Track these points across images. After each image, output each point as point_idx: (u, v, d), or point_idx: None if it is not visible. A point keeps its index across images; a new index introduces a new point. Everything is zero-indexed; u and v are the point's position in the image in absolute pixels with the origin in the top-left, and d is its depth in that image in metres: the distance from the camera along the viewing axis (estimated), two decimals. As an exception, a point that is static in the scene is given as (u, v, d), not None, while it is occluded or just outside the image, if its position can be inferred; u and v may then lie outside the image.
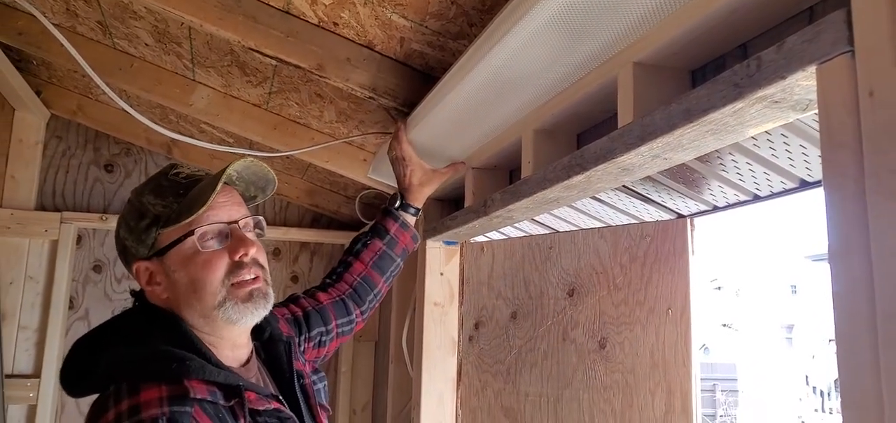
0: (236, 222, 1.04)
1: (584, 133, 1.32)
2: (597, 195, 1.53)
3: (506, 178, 1.65)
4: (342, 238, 2.90)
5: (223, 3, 1.41)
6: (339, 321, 1.42)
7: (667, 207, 1.50)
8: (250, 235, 1.06)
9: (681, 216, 1.51)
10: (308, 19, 1.44)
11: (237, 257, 1.01)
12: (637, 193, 1.45)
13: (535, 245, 1.77)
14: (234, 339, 1.06)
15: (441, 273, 1.94)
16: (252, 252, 1.03)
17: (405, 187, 1.56)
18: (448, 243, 1.94)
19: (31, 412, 2.47)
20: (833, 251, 0.63)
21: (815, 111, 0.75)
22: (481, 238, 1.91)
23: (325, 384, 1.25)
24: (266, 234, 1.12)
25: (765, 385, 19.74)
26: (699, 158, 1.09)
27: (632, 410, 1.47)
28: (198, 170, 1.09)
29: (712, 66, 0.95)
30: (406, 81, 1.51)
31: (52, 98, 2.58)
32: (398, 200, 1.56)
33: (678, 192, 1.39)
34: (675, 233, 1.46)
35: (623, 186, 1.40)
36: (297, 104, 1.96)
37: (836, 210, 0.63)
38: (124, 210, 1.07)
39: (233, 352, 1.06)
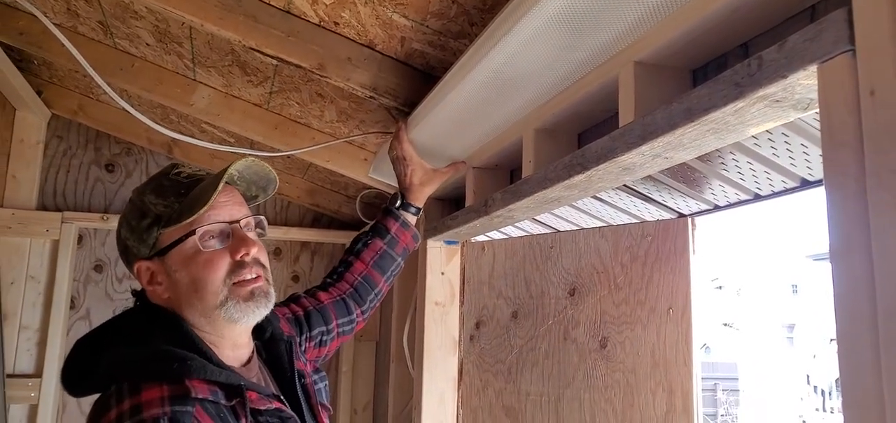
0: (238, 222, 1.04)
1: (585, 132, 1.32)
2: (598, 195, 1.53)
3: (507, 177, 1.65)
4: (343, 238, 2.90)
5: (224, 2, 1.41)
6: (340, 321, 1.42)
7: (668, 206, 1.50)
8: (251, 234, 1.06)
9: (682, 216, 1.51)
10: (309, 19, 1.44)
11: (238, 257, 1.01)
12: (638, 192, 1.45)
13: (536, 245, 1.77)
14: (236, 338, 1.06)
15: (442, 273, 1.94)
16: (253, 252, 1.03)
17: (406, 187, 1.56)
18: (449, 243, 1.94)
19: (32, 411, 2.47)
20: (834, 251, 0.63)
21: (816, 110, 0.75)
22: (482, 238, 1.91)
23: (326, 384, 1.25)
24: (267, 233, 1.12)
25: (766, 385, 19.73)
26: (700, 157, 1.09)
27: (633, 409, 1.47)
28: (199, 170, 1.09)
29: (713, 65, 0.95)
30: (407, 80, 1.51)
31: (53, 98, 2.58)
32: (399, 199, 1.56)
33: (679, 191, 1.39)
34: (676, 232, 1.46)
35: (624, 185, 1.40)
36: (297, 104, 1.96)
37: (838, 209, 0.63)
38: (126, 210, 1.07)
39: (234, 352, 1.06)
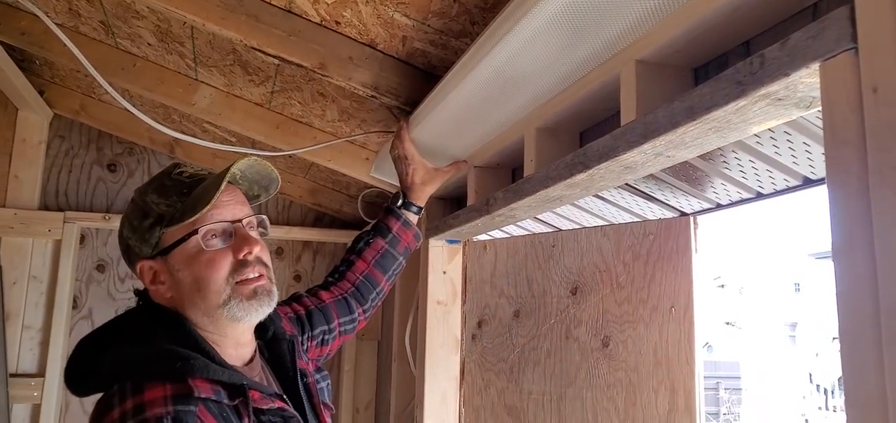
0: (240, 221, 1.04)
1: (587, 131, 1.32)
2: (600, 193, 1.52)
3: (508, 176, 1.65)
4: (345, 237, 2.90)
5: (225, 2, 1.41)
6: (342, 320, 1.42)
7: (670, 205, 1.50)
8: (254, 233, 1.07)
9: (684, 214, 1.51)
10: (310, 18, 1.44)
11: (241, 256, 1.01)
12: (640, 191, 1.45)
13: (538, 243, 1.77)
14: (238, 338, 1.06)
15: (444, 272, 1.94)
16: (256, 251, 1.03)
17: (407, 186, 1.56)
18: (451, 242, 1.94)
19: (35, 411, 2.48)
20: (836, 249, 0.63)
21: (818, 108, 0.75)
22: (484, 237, 1.91)
23: (328, 383, 1.25)
24: (269, 233, 1.12)
25: (768, 383, 19.71)
26: (702, 155, 1.09)
27: (635, 408, 1.47)
28: (201, 169, 1.09)
29: (715, 63, 0.95)
30: (408, 79, 1.51)
31: (55, 98, 2.58)
32: (400, 198, 1.56)
33: (681, 190, 1.39)
34: (679, 231, 1.46)
35: (626, 184, 1.40)
36: (299, 103, 1.96)
37: (840, 207, 0.63)
38: (128, 210, 1.07)
39: (236, 351, 1.06)
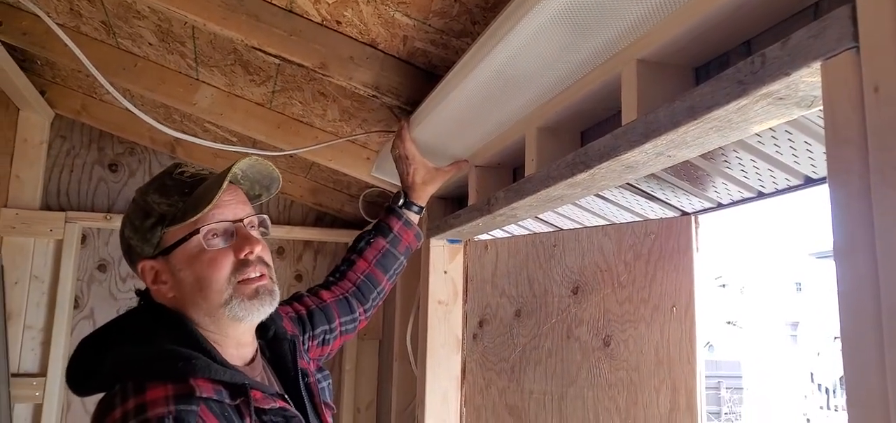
0: (241, 221, 1.04)
1: (588, 131, 1.32)
2: (601, 193, 1.52)
3: (509, 176, 1.65)
4: (346, 237, 2.90)
5: (226, 2, 1.41)
6: (343, 319, 1.42)
7: (671, 204, 1.49)
8: (255, 233, 1.07)
9: (685, 214, 1.51)
10: (311, 18, 1.44)
11: (242, 255, 1.02)
12: (641, 190, 1.45)
13: (539, 243, 1.77)
14: (239, 337, 1.06)
15: (445, 271, 1.94)
16: (257, 250, 1.03)
17: (408, 186, 1.56)
18: (452, 241, 1.94)
19: (36, 410, 2.48)
20: (838, 248, 0.63)
21: (819, 108, 0.75)
22: (485, 236, 1.91)
23: (329, 383, 1.25)
24: (270, 232, 1.12)
25: (769, 383, 19.71)
26: (703, 155, 1.09)
27: (636, 407, 1.47)
28: (202, 169, 1.09)
29: (716, 63, 0.95)
30: (409, 79, 1.51)
31: (56, 98, 2.58)
32: (402, 198, 1.56)
33: (682, 189, 1.39)
34: (680, 230, 1.46)
35: (627, 183, 1.39)
36: (300, 103, 1.96)
37: (841, 207, 0.63)
38: (129, 209, 1.07)
39: (238, 350, 1.06)
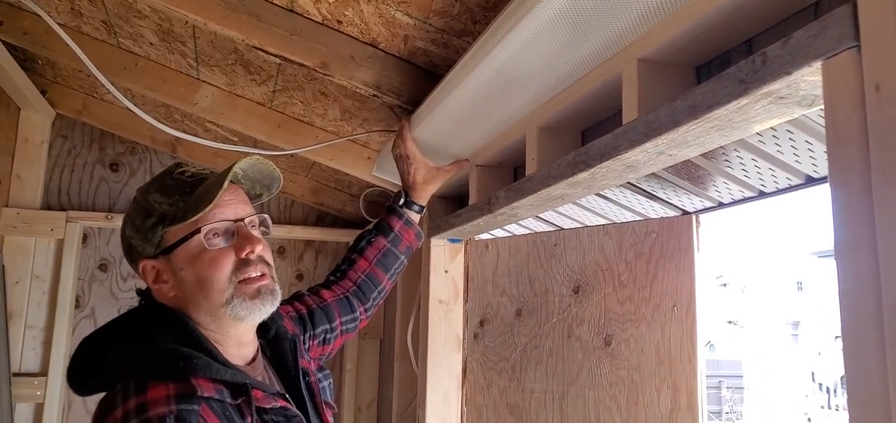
0: (242, 220, 1.04)
1: (589, 130, 1.32)
2: (601, 192, 1.52)
3: (510, 175, 1.65)
4: (347, 236, 2.90)
5: (227, 1, 1.41)
6: (344, 319, 1.42)
7: (672, 203, 1.49)
8: (256, 232, 1.07)
9: (686, 213, 1.50)
10: (312, 17, 1.44)
11: (243, 255, 1.02)
12: (642, 189, 1.45)
13: (540, 242, 1.77)
14: (241, 337, 1.06)
15: (446, 271, 1.94)
16: (258, 249, 1.03)
17: (409, 185, 1.56)
18: (452, 241, 1.94)
19: (38, 410, 2.48)
20: (839, 248, 0.63)
21: (820, 107, 0.75)
22: (486, 236, 1.91)
23: (330, 382, 1.25)
24: (271, 232, 1.12)
25: (770, 382, 19.70)
26: (704, 154, 1.09)
27: (637, 407, 1.47)
28: (203, 168, 1.09)
29: (717, 62, 0.95)
30: (410, 78, 1.51)
31: (57, 97, 2.59)
32: (402, 197, 1.56)
33: (683, 188, 1.39)
34: (681, 230, 1.46)
35: (628, 182, 1.39)
36: (301, 102, 1.96)
37: (842, 206, 0.63)
38: (130, 209, 1.07)
39: (239, 350, 1.06)
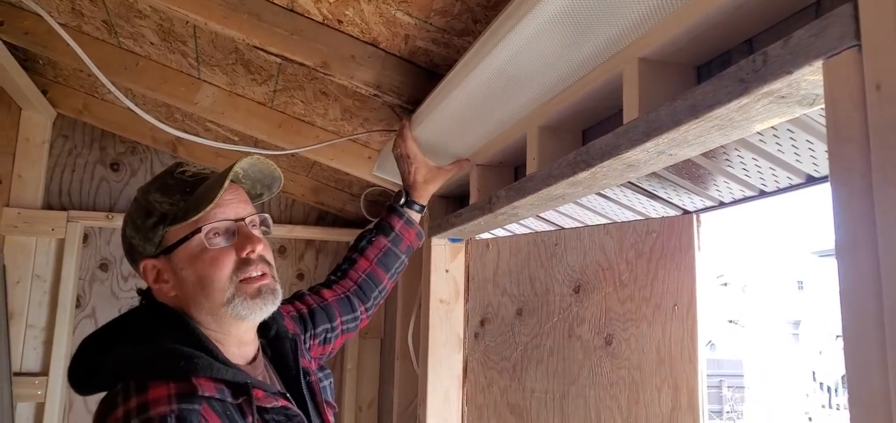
0: (243, 220, 1.04)
1: (590, 129, 1.32)
2: (602, 192, 1.52)
3: (511, 174, 1.65)
4: (347, 236, 2.90)
5: (228, 1, 1.41)
6: (344, 318, 1.42)
7: (673, 203, 1.49)
8: (257, 232, 1.07)
9: (687, 212, 1.50)
10: (312, 17, 1.44)
11: (244, 254, 1.02)
12: (643, 189, 1.45)
13: (541, 242, 1.77)
14: (241, 336, 1.07)
15: (446, 270, 1.94)
16: (259, 249, 1.03)
17: (410, 185, 1.56)
18: (453, 240, 1.94)
19: (39, 409, 2.48)
20: (840, 247, 0.63)
21: (821, 106, 0.75)
22: (486, 235, 1.91)
23: (331, 381, 1.25)
24: (272, 231, 1.12)
25: (771, 381, 19.70)
26: (705, 153, 1.09)
27: (638, 406, 1.47)
28: (203, 168, 1.09)
29: (718, 61, 0.95)
30: (411, 78, 1.51)
31: (58, 97, 2.59)
32: (403, 197, 1.56)
33: (684, 188, 1.39)
34: (681, 229, 1.46)
35: (629, 182, 1.39)
36: (301, 102, 1.96)
37: (843, 205, 0.63)
38: (130, 209, 1.07)
39: (239, 349, 1.06)
